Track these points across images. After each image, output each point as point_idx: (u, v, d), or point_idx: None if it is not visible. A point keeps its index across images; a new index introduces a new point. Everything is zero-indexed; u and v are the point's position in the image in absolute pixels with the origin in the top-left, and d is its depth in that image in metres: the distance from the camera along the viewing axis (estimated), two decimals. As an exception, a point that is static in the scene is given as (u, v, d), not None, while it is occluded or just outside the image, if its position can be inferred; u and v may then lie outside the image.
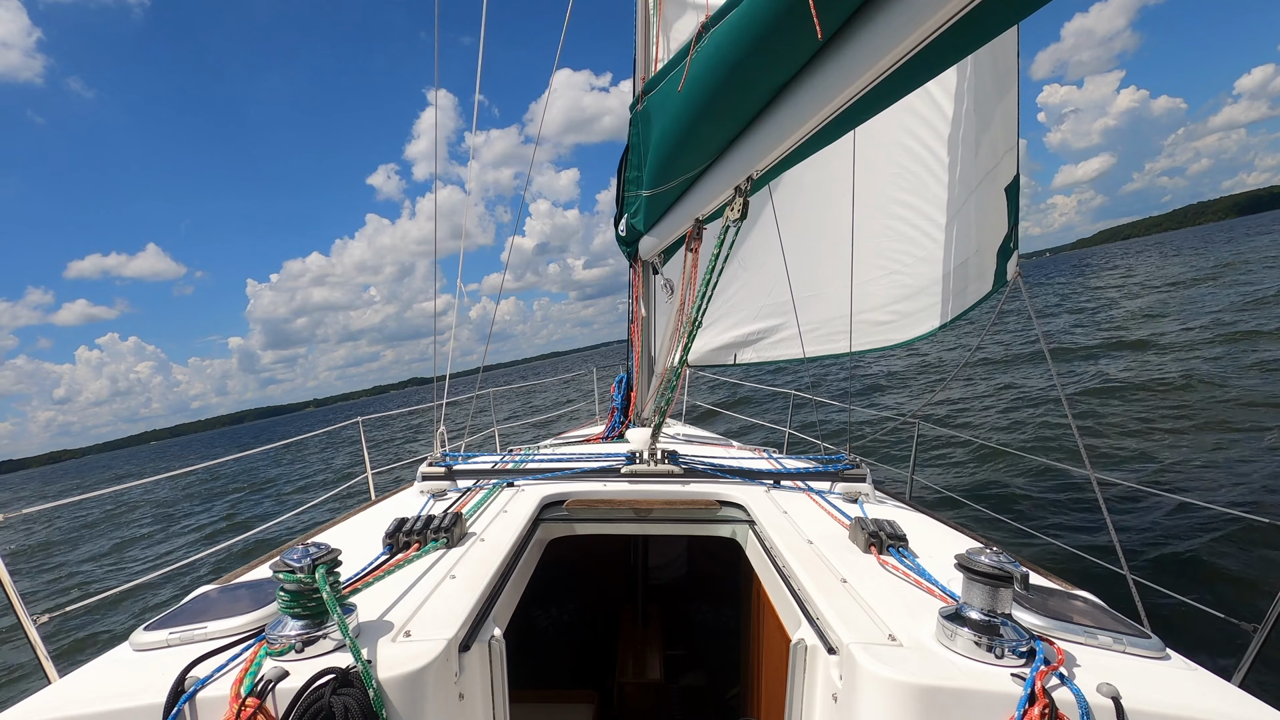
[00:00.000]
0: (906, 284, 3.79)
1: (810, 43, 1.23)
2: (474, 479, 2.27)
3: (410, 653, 1.03)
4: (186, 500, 18.32)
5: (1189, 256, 43.89)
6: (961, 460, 7.77)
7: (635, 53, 3.42)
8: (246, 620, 1.11)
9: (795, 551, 1.51)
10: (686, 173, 2.14)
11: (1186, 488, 5.83)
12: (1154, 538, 5.01)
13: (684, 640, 3.32)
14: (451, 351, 3.02)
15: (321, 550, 1.04)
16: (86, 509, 20.16)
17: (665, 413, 2.43)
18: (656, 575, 3.47)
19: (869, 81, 1.22)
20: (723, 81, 1.54)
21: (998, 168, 3.14)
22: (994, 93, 3.07)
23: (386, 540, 1.55)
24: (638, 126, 2.44)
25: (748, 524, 1.91)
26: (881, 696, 0.94)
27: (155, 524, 14.95)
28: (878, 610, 1.16)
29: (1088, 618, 1.12)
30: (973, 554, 1.02)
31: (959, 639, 1.00)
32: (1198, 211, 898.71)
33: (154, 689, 0.93)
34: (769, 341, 4.72)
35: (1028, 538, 3.59)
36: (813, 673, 1.17)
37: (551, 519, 1.98)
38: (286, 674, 0.94)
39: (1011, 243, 3.18)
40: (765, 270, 4.44)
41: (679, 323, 2.56)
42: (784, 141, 1.53)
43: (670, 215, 2.60)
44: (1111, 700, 0.88)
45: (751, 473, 2.22)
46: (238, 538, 3.82)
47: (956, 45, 1.11)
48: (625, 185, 2.94)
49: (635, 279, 3.72)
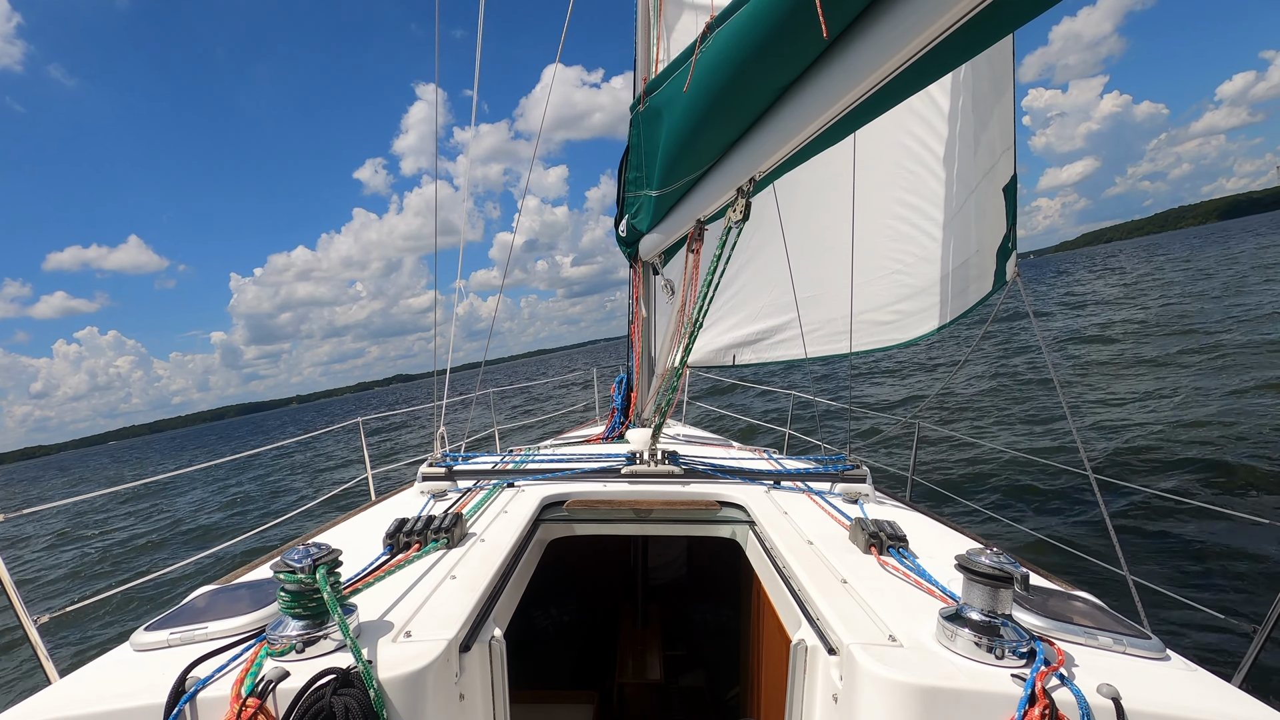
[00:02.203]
0: (908, 284, 3.79)
1: (816, 43, 1.23)
2: (474, 479, 2.27)
3: (411, 653, 1.03)
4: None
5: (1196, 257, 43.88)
6: (962, 460, 7.77)
7: (636, 53, 3.42)
8: (247, 620, 1.11)
9: (795, 552, 1.51)
10: (689, 174, 2.14)
11: (1187, 488, 5.84)
12: (1154, 538, 5.01)
13: (684, 641, 3.32)
14: (451, 348, 3.02)
15: (322, 550, 1.04)
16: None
17: (665, 413, 2.43)
18: (656, 575, 3.47)
19: (875, 83, 1.21)
20: (727, 82, 1.53)
21: (996, 167, 3.15)
22: (991, 93, 3.08)
23: (387, 540, 1.55)
24: (639, 127, 2.44)
25: (748, 524, 1.91)
26: (882, 697, 0.94)
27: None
28: (878, 611, 1.16)
29: (1088, 618, 1.12)
30: (973, 554, 1.02)
31: (959, 640, 1.00)
32: (1179, 215, 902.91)
33: (155, 689, 0.93)
34: (769, 342, 4.72)
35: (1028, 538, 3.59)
36: (813, 673, 1.17)
37: (552, 519, 1.98)
38: (287, 674, 0.94)
39: (1010, 242, 3.19)
40: (766, 271, 4.44)
41: (679, 324, 2.56)
42: (788, 143, 1.53)
43: (672, 216, 2.60)
44: (1111, 701, 0.88)
45: (751, 473, 2.22)
46: (228, 541, 3.78)
47: (963, 47, 1.10)
48: (626, 185, 2.94)
49: (635, 279, 3.71)
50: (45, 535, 14.23)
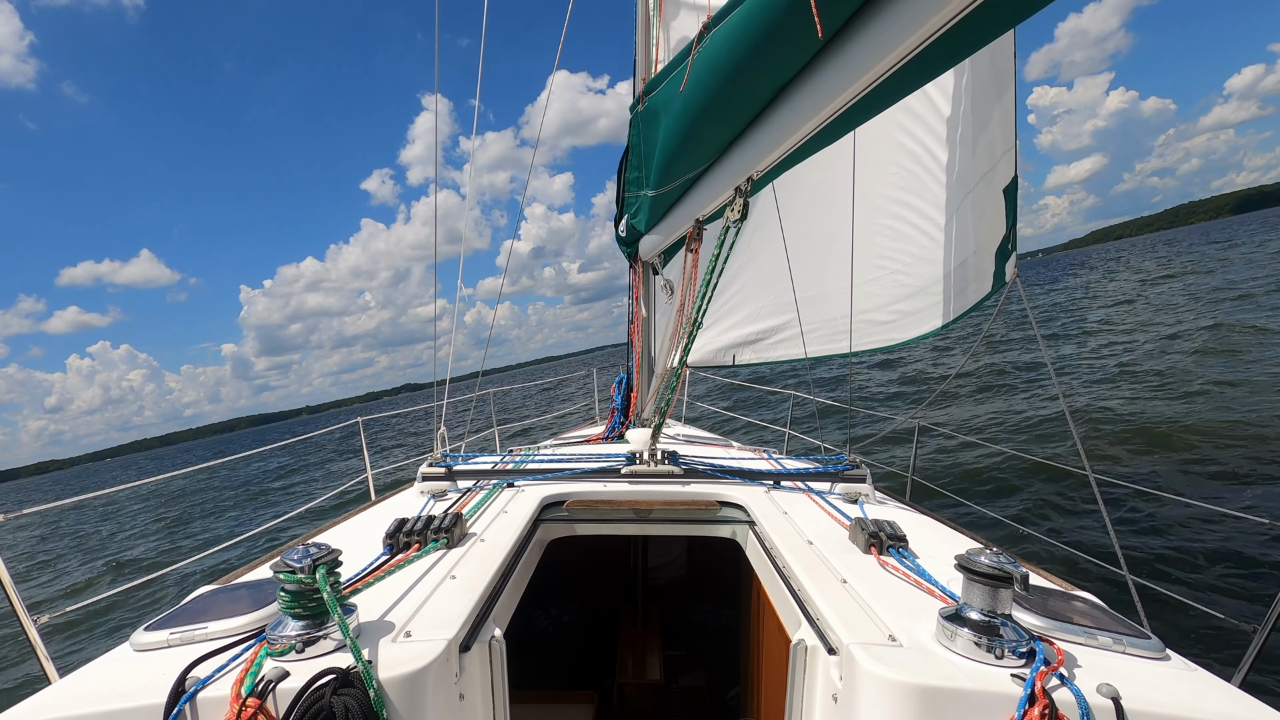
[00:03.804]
0: (906, 283, 3.80)
1: (811, 43, 1.23)
2: (474, 479, 2.27)
3: (411, 653, 1.03)
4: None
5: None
6: (962, 460, 7.77)
7: (635, 53, 3.42)
8: (247, 620, 1.11)
9: (795, 552, 1.51)
10: (687, 173, 2.14)
11: (1186, 488, 5.84)
12: (1154, 538, 5.01)
13: (684, 640, 3.32)
14: (451, 354, 3.03)
15: (322, 550, 1.04)
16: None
17: (665, 413, 2.43)
18: (656, 575, 3.47)
19: (869, 83, 1.22)
20: (724, 82, 1.53)
21: (995, 169, 3.15)
22: (992, 94, 3.07)
23: (387, 540, 1.55)
24: (638, 127, 2.44)
25: (748, 524, 1.91)
26: (881, 697, 0.94)
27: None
28: (878, 611, 1.16)
29: (1088, 618, 1.12)
30: (973, 554, 1.02)
31: (959, 639, 1.00)
32: (1189, 211, 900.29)
33: (154, 689, 0.93)
34: (769, 342, 4.72)
35: (1028, 538, 3.59)
36: (813, 673, 1.17)
37: (552, 519, 1.98)
38: (287, 674, 0.94)
39: (1010, 244, 3.19)
40: (765, 271, 4.44)
41: (679, 323, 2.56)
42: (784, 142, 1.53)
43: (671, 216, 2.60)
44: (1111, 701, 0.88)
45: (751, 473, 2.22)
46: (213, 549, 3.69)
47: (958, 46, 1.10)
48: (625, 186, 2.94)
49: (635, 279, 3.71)
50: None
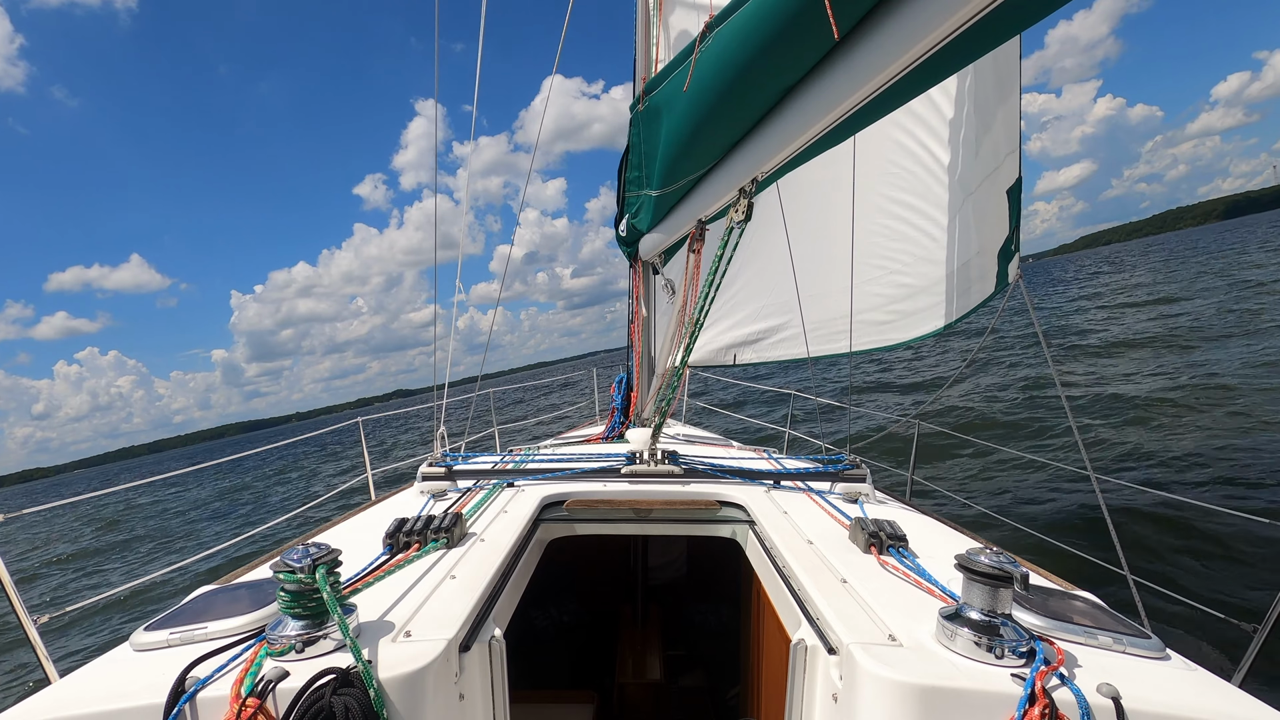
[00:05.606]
0: (907, 284, 3.79)
1: (824, 43, 1.22)
2: (474, 479, 2.27)
3: (410, 653, 1.03)
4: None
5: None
6: (961, 460, 7.77)
7: (635, 52, 3.41)
8: (247, 620, 1.11)
9: (795, 552, 1.51)
10: (690, 174, 2.13)
11: (1187, 488, 5.83)
12: (1154, 538, 5.01)
13: (684, 640, 3.32)
14: (450, 356, 3.03)
15: (322, 550, 1.04)
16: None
17: (665, 413, 2.43)
18: (656, 575, 3.46)
19: (883, 83, 1.20)
20: (730, 82, 1.52)
21: (999, 170, 3.14)
22: (995, 95, 3.06)
23: (387, 540, 1.55)
24: (638, 126, 2.44)
25: (748, 524, 1.91)
26: (881, 697, 0.94)
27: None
28: (878, 610, 1.16)
29: (1088, 618, 1.12)
30: (973, 554, 1.01)
31: (959, 639, 1.00)
32: (1176, 216, 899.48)
33: (154, 689, 0.93)
34: (769, 342, 4.72)
35: (1028, 538, 3.59)
36: (813, 673, 1.17)
37: (551, 519, 1.98)
38: (287, 674, 0.94)
39: (1013, 245, 3.18)
40: (765, 270, 4.43)
41: (680, 323, 2.56)
42: (791, 144, 1.52)
43: (673, 216, 2.59)
44: (1111, 700, 0.88)
45: (751, 473, 2.22)
46: (234, 540, 3.78)
47: (972, 46, 1.09)
48: (626, 185, 2.94)
49: (635, 279, 3.71)
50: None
